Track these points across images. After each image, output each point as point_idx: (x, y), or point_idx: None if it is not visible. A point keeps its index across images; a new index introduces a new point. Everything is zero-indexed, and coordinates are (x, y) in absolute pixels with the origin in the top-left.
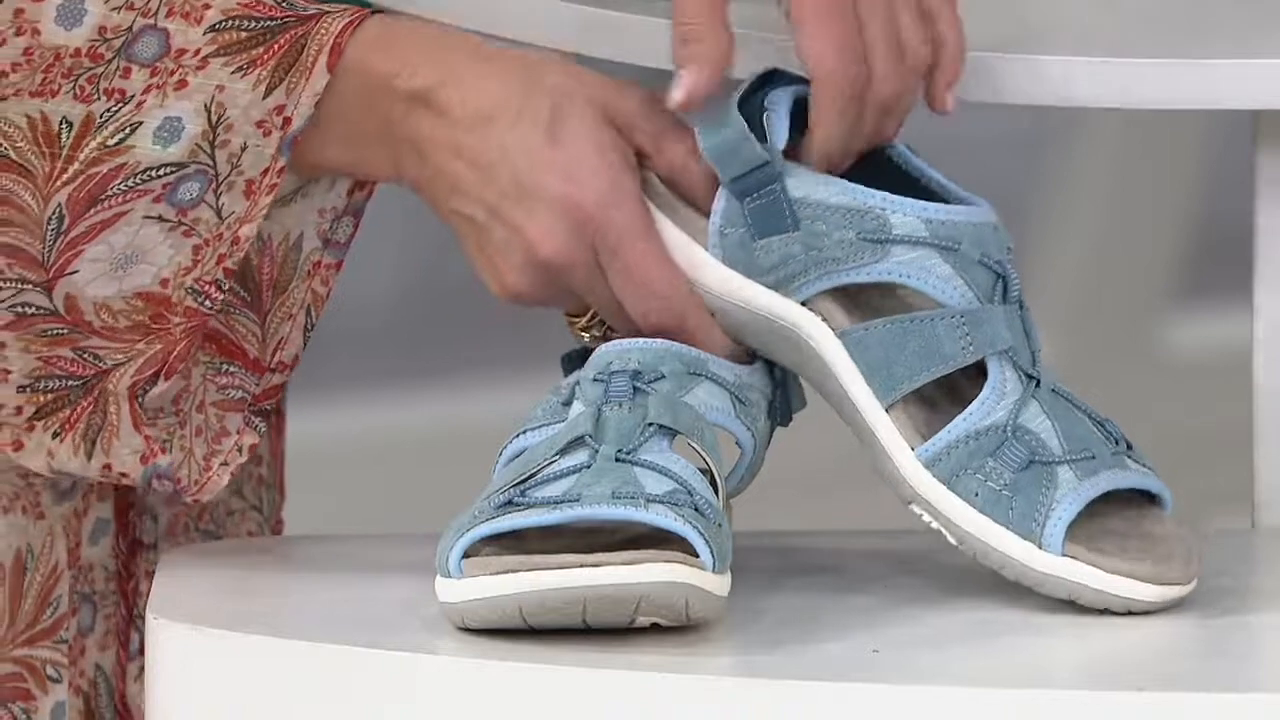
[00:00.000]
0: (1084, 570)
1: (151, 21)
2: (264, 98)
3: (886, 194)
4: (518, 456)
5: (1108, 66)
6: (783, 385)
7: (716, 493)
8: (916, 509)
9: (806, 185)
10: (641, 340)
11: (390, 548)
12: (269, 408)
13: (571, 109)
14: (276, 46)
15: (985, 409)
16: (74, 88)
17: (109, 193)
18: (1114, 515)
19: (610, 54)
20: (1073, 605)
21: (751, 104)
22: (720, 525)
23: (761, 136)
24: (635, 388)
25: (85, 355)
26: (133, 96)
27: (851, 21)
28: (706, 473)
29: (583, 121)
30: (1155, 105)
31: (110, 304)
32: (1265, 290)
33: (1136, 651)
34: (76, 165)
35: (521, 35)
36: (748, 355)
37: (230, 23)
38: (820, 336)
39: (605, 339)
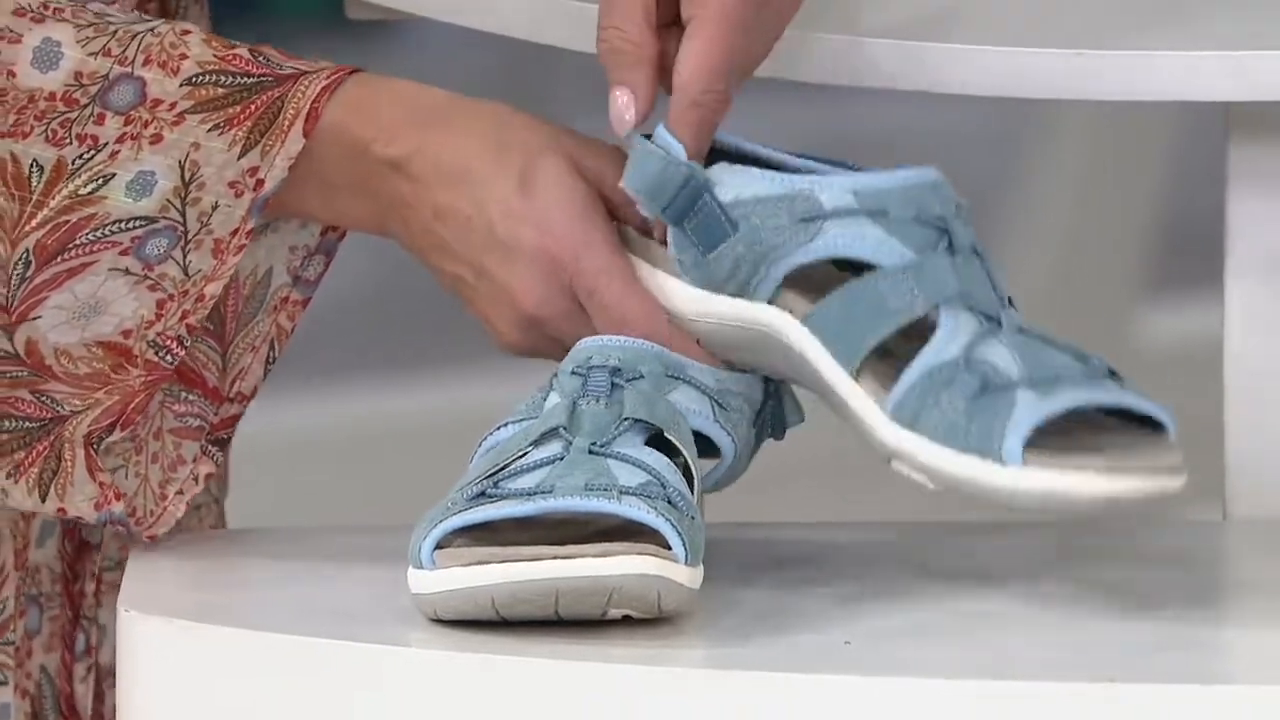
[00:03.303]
0: (1046, 476)
1: (129, 70)
2: (239, 158)
3: (813, 175)
4: (493, 448)
5: (1080, 58)
6: (776, 397)
7: (691, 486)
8: (896, 465)
9: (734, 187)
10: (623, 338)
11: (363, 539)
12: (225, 437)
13: (542, 161)
14: (254, 107)
15: (938, 347)
16: (46, 131)
17: (77, 241)
18: (1106, 434)
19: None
20: (1043, 594)
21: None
22: (693, 518)
23: None
24: (613, 384)
25: (44, 399)
26: (106, 144)
27: (742, 41)
28: (681, 466)
29: (553, 173)
30: (1127, 97)
31: (71, 351)
32: (1236, 282)
33: (1108, 643)
34: (46, 211)
35: (534, 36)
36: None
37: (207, 77)
38: (789, 328)
39: None
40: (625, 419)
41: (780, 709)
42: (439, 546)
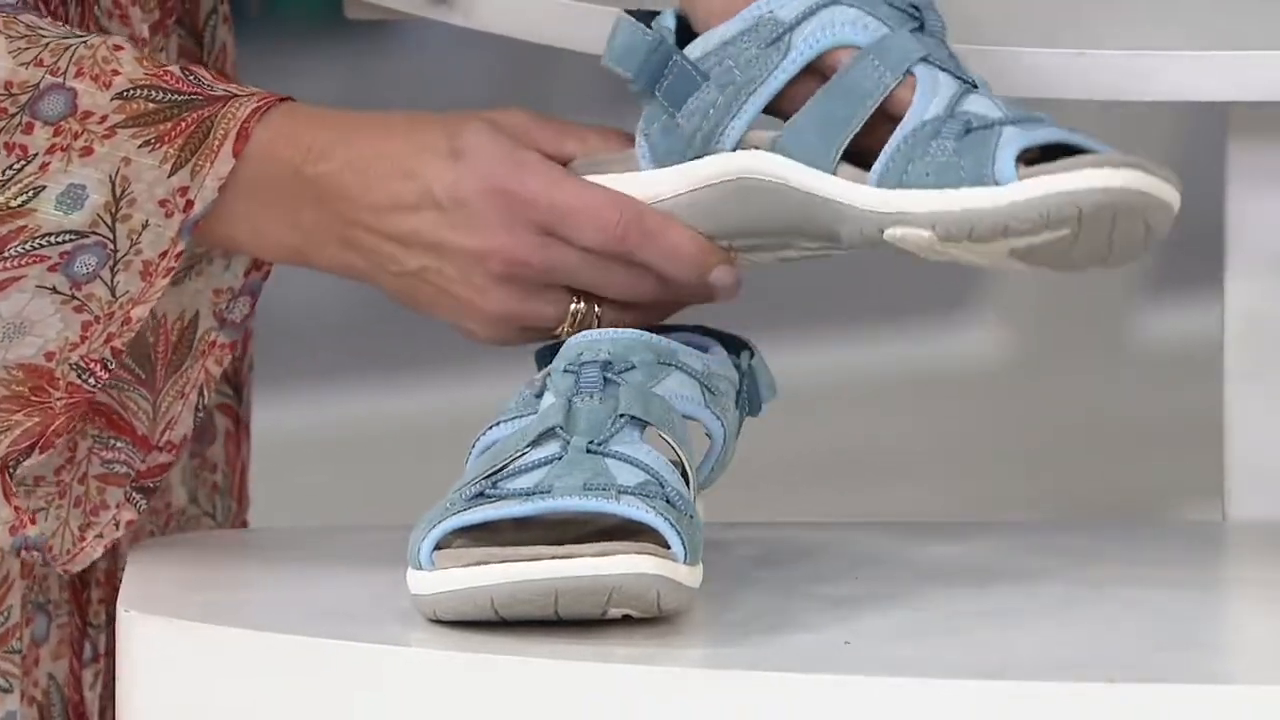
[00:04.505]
0: (1043, 181)
1: (60, 80)
2: (169, 176)
3: None
4: (490, 448)
5: (1079, 59)
6: (750, 375)
7: (688, 484)
8: (890, 234)
9: (700, 45)
10: (612, 331)
11: (362, 540)
12: (151, 485)
13: (463, 130)
14: (184, 124)
15: (919, 110)
16: None
17: (6, 254)
18: None
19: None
20: (1043, 594)
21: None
22: (691, 517)
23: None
24: (606, 378)
25: None
26: (35, 155)
27: None
28: (677, 464)
29: (478, 136)
30: (1127, 97)
31: None
32: (1235, 281)
33: (1107, 643)
34: None
35: (534, 36)
36: (719, 253)
37: (138, 91)
38: (759, 161)
39: None
40: (621, 415)
41: (780, 709)
42: (438, 547)
